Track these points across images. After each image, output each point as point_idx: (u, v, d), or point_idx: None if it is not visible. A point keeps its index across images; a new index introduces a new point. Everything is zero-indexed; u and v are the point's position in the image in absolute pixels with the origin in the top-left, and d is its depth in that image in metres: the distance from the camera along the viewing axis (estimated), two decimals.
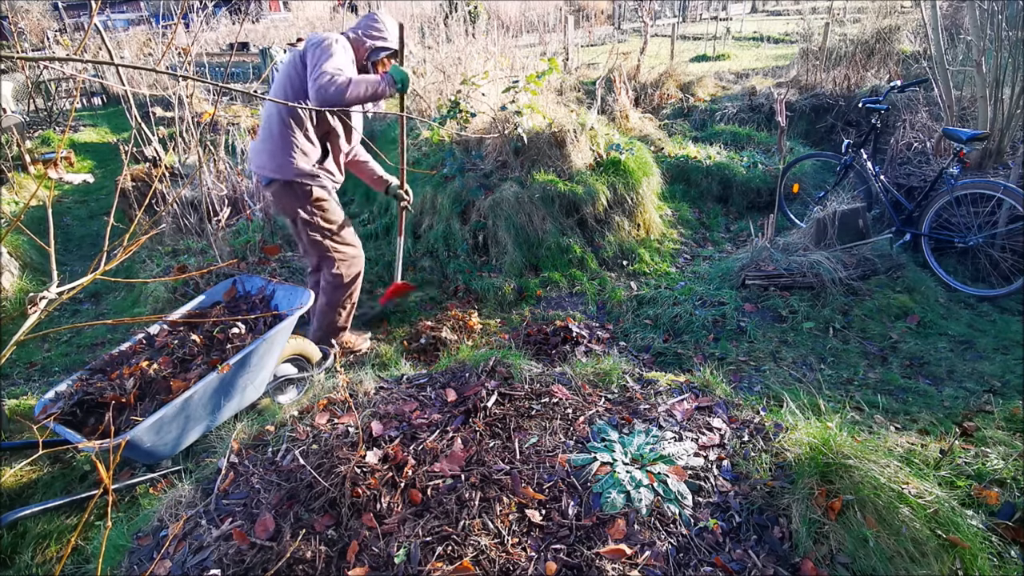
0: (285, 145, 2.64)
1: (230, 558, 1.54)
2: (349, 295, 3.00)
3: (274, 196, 2.80)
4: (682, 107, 6.76)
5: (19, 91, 7.87)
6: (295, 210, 2.75)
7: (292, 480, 1.75)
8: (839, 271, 3.33)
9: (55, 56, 0.78)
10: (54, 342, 3.51)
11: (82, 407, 2.15)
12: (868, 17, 7.23)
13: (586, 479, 1.71)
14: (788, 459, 1.76)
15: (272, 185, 2.73)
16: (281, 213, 2.90)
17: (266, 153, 2.68)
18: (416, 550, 1.50)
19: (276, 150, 2.65)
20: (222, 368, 2.13)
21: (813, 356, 2.99)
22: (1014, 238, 3.48)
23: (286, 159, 2.64)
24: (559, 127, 4.21)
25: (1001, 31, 3.94)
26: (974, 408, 2.38)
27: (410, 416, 2.02)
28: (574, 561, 1.48)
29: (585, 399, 2.13)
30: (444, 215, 4.09)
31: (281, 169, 2.66)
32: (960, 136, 3.57)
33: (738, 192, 4.93)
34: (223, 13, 11.46)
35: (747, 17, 16.34)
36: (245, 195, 3.94)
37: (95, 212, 5.40)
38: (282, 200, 2.77)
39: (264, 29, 13.10)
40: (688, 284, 3.65)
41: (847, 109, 6.00)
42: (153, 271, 3.67)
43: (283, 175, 2.67)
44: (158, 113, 5.54)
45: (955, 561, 1.44)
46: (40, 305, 0.84)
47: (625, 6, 15.64)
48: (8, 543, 2.01)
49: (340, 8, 14.08)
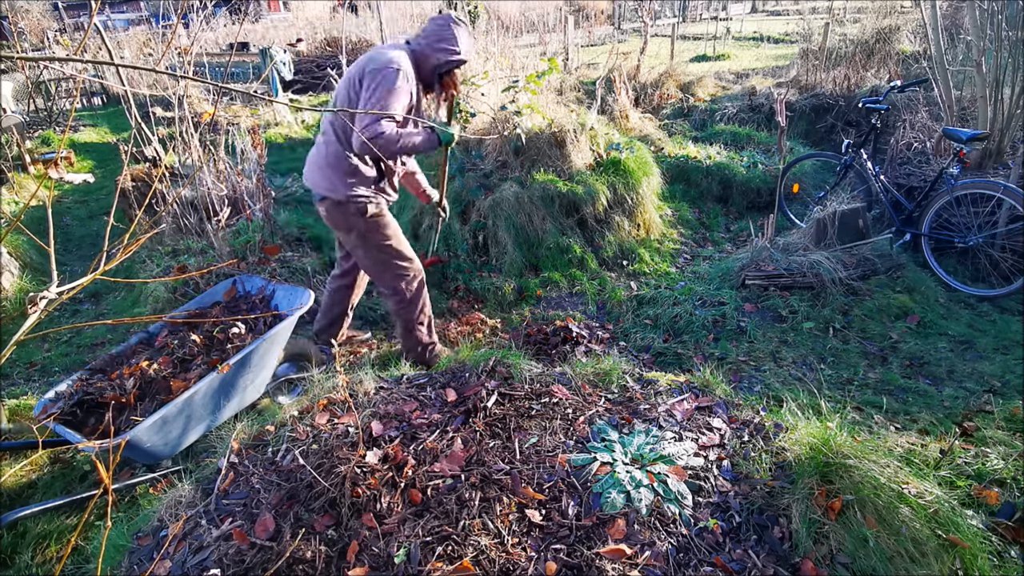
0: (340, 165, 2.54)
1: (230, 558, 1.54)
2: (421, 310, 2.88)
3: (327, 212, 2.67)
4: (682, 107, 6.76)
5: (19, 91, 7.87)
6: (348, 226, 2.66)
7: (292, 480, 1.75)
8: (839, 271, 3.33)
9: (55, 56, 0.78)
10: (54, 342, 3.51)
11: (82, 407, 2.15)
12: (868, 17, 7.24)
13: (586, 479, 1.71)
14: (788, 459, 1.76)
15: (325, 202, 2.64)
16: (334, 227, 2.77)
17: (320, 171, 2.60)
18: (416, 550, 1.50)
19: (331, 169, 2.56)
20: (222, 368, 2.13)
21: (813, 356, 2.99)
22: (1014, 238, 3.49)
23: (340, 179, 2.55)
24: (559, 127, 4.20)
25: (1001, 31, 3.94)
26: (974, 408, 2.38)
27: (410, 416, 2.02)
28: (574, 561, 1.48)
29: (585, 399, 2.12)
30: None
31: (335, 189, 2.57)
32: (960, 136, 3.57)
33: (738, 192, 4.93)
34: (222, 13, 11.46)
35: (747, 17, 16.35)
36: (245, 195, 3.93)
37: (95, 212, 5.40)
38: (335, 217, 2.66)
39: (264, 29, 13.10)
40: (688, 284, 3.65)
41: (847, 109, 6.01)
42: (153, 271, 3.67)
43: (336, 194, 2.58)
44: (158, 113, 5.54)
45: (955, 561, 1.44)
46: (40, 305, 0.84)
47: (625, 6, 15.64)
48: (8, 543, 2.01)
49: (340, 8, 14.08)
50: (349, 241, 2.74)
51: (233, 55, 9.62)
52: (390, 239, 2.74)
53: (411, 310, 2.85)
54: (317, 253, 4.02)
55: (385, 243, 2.72)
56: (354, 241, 2.71)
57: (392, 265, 2.76)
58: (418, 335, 2.91)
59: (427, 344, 2.95)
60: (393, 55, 2.43)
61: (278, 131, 7.09)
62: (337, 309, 3.12)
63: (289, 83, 8.66)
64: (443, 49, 2.53)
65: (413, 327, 2.89)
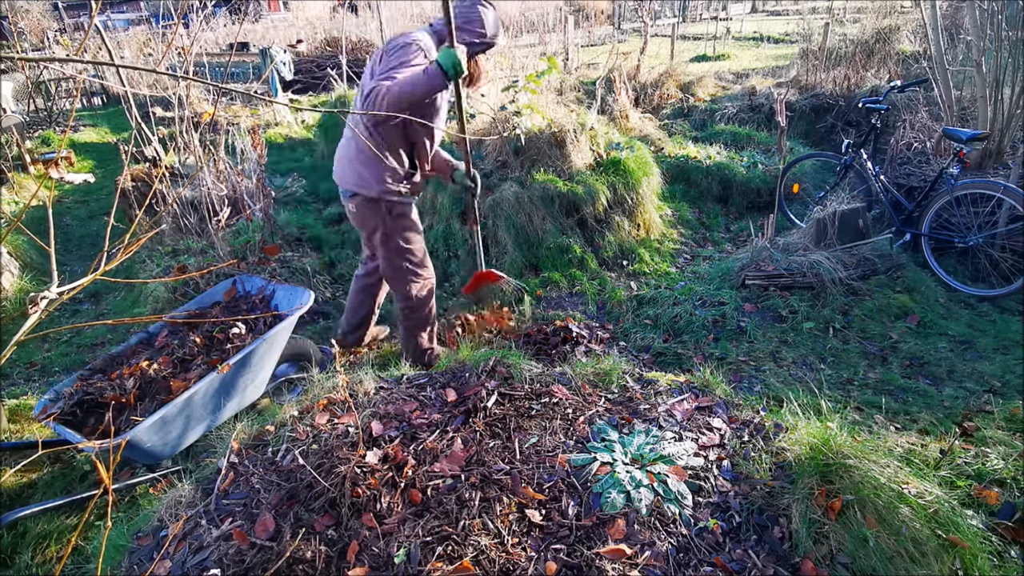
0: (374, 160, 2.46)
1: (230, 558, 1.54)
2: (426, 318, 2.87)
3: (356, 209, 2.61)
4: (682, 107, 6.76)
5: (19, 91, 7.87)
6: (375, 225, 2.61)
7: (292, 480, 1.75)
8: (839, 271, 3.33)
9: (55, 57, 0.78)
10: (54, 342, 3.51)
11: (82, 407, 2.15)
12: (868, 17, 7.24)
13: (586, 479, 1.71)
14: (788, 459, 1.76)
15: (355, 199, 2.58)
16: (360, 227, 2.72)
17: (349, 164, 2.54)
18: (416, 550, 1.50)
19: (360, 164, 2.50)
20: (222, 368, 2.13)
21: (813, 356, 2.99)
22: (1014, 238, 3.49)
23: (372, 174, 2.49)
24: (559, 127, 4.20)
25: (1001, 31, 3.94)
26: (974, 408, 2.38)
27: (410, 416, 2.02)
28: (574, 561, 1.48)
29: (585, 399, 2.12)
30: (444, 215, 4.09)
31: (366, 184, 2.51)
32: (960, 136, 3.57)
33: (738, 192, 4.93)
34: (222, 13, 11.46)
35: (747, 17, 16.36)
36: (245, 195, 3.94)
37: (95, 212, 5.40)
38: (363, 214, 2.61)
39: (264, 29, 13.11)
40: (688, 284, 3.65)
41: (847, 109, 6.01)
42: (153, 271, 3.67)
43: (367, 190, 2.52)
44: (158, 113, 5.54)
45: (955, 561, 1.44)
46: (41, 305, 0.84)
47: (625, 6, 15.64)
48: (8, 543, 2.01)
49: (340, 8, 14.08)
50: (374, 240, 2.69)
51: (233, 55, 9.62)
52: (412, 243, 2.70)
53: (417, 317, 2.84)
54: (317, 253, 4.02)
55: (406, 246, 2.68)
56: (378, 241, 2.66)
57: (408, 270, 2.73)
58: (419, 341, 2.91)
59: (426, 349, 2.96)
60: (415, 35, 2.36)
61: (278, 131, 7.09)
62: (364, 309, 3.08)
63: (289, 83, 8.67)
64: (469, 31, 2.38)
65: (416, 333, 2.89)
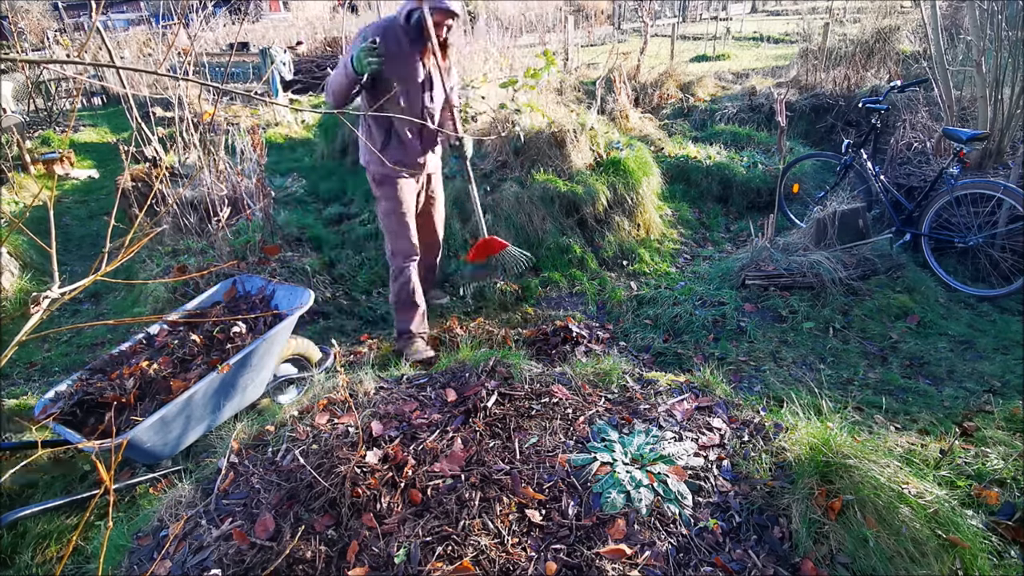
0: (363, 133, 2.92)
1: (230, 558, 1.54)
2: (399, 292, 2.98)
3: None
4: (682, 107, 6.76)
5: (19, 91, 7.87)
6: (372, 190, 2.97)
7: (292, 480, 1.75)
8: (839, 271, 3.33)
9: (55, 59, 0.78)
10: (54, 342, 3.51)
11: (82, 407, 2.15)
12: (868, 17, 7.24)
13: (586, 479, 1.71)
14: (788, 459, 1.76)
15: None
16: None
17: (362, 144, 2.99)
18: (416, 550, 1.50)
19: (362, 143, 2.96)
20: (222, 368, 2.13)
21: (813, 356, 2.99)
22: (1014, 238, 3.49)
23: (363, 150, 2.92)
24: (559, 127, 4.20)
25: (1001, 31, 3.94)
26: (974, 408, 2.38)
27: (410, 416, 2.02)
28: (574, 561, 1.48)
29: (585, 399, 2.13)
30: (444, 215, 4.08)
31: (362, 157, 2.93)
32: (960, 136, 3.57)
33: (738, 192, 4.93)
34: (222, 13, 11.45)
35: (747, 17, 16.36)
36: (245, 195, 3.93)
37: (95, 212, 5.40)
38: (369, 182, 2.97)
39: (264, 29, 13.10)
40: (688, 284, 3.65)
41: (847, 109, 6.01)
42: (153, 271, 3.67)
43: (362, 161, 2.93)
44: (158, 113, 5.54)
45: (955, 561, 1.44)
46: (43, 305, 0.84)
47: (625, 6, 15.64)
48: (8, 543, 2.01)
49: (340, 8, 14.07)
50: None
51: (233, 55, 9.62)
52: (387, 215, 2.91)
53: (394, 287, 3.02)
54: (317, 253, 4.02)
55: (382, 215, 2.94)
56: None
57: (387, 236, 2.98)
58: (397, 314, 3.05)
59: (402, 331, 3.03)
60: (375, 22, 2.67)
61: (278, 131, 7.09)
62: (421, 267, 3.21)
63: (289, 83, 8.67)
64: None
65: (395, 303, 3.05)
